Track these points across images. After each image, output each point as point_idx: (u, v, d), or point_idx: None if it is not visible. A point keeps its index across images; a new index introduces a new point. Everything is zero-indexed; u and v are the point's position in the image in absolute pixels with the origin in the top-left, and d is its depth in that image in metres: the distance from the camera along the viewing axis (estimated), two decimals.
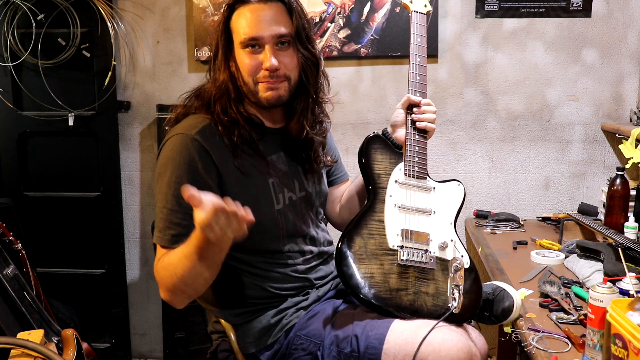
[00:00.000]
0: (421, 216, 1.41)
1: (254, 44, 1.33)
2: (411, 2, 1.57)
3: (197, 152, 1.29)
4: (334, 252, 1.37)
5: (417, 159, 1.45)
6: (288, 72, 1.36)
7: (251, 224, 1.14)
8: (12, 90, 2.52)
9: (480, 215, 2.38)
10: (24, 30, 2.45)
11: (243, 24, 1.33)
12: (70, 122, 2.50)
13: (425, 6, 1.58)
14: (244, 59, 1.34)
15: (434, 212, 1.43)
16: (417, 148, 1.46)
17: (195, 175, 1.28)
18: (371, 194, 1.42)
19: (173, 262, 1.24)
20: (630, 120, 2.30)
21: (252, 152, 1.37)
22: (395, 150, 1.48)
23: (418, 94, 1.49)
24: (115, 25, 2.46)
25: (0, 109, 2.54)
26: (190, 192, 1.04)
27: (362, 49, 2.42)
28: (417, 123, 1.46)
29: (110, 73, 2.47)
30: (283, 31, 1.34)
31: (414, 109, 1.48)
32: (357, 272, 1.30)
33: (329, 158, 1.56)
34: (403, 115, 1.49)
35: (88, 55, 2.48)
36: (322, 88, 1.47)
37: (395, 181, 1.43)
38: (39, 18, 2.42)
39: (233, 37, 1.36)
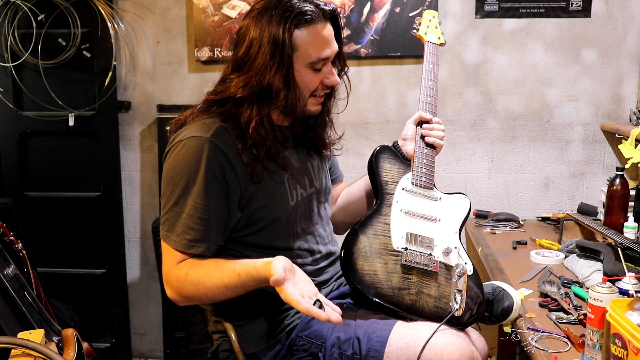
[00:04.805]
0: (426, 222, 1.44)
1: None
2: (426, 34, 1.66)
3: (215, 155, 1.27)
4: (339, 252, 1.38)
5: (424, 169, 1.50)
6: None
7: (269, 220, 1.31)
8: (13, 91, 2.53)
9: (480, 215, 2.39)
10: (25, 30, 2.46)
11: (315, 44, 1.31)
12: (71, 122, 2.51)
13: (439, 38, 1.67)
14: (308, 76, 1.33)
15: (439, 220, 1.46)
16: (425, 160, 1.51)
17: (213, 180, 1.27)
18: (378, 198, 1.45)
19: (204, 281, 1.24)
20: (630, 120, 2.30)
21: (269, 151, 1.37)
22: (404, 162, 1.53)
23: (429, 113, 1.56)
24: (116, 26, 2.47)
25: (1, 109, 2.54)
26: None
27: (362, 49, 2.42)
28: (426, 138, 1.53)
29: (110, 73, 2.47)
30: (338, 49, 1.37)
31: (424, 125, 1.54)
32: (360, 269, 1.31)
33: (333, 141, 1.57)
34: (414, 130, 1.55)
35: (88, 55, 2.48)
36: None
37: (403, 188, 1.47)
38: (39, 18, 2.42)
39: (293, 52, 1.30)
